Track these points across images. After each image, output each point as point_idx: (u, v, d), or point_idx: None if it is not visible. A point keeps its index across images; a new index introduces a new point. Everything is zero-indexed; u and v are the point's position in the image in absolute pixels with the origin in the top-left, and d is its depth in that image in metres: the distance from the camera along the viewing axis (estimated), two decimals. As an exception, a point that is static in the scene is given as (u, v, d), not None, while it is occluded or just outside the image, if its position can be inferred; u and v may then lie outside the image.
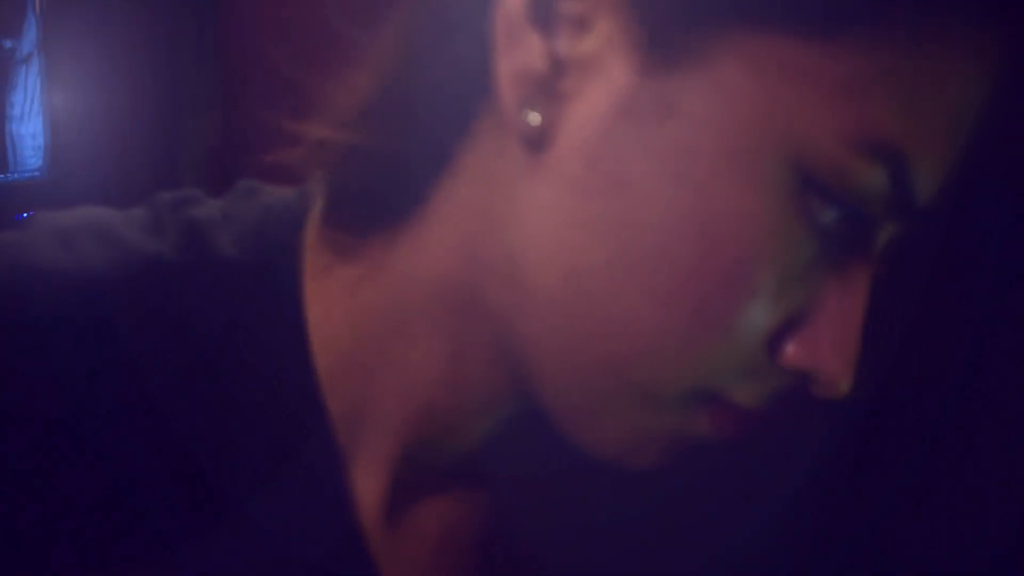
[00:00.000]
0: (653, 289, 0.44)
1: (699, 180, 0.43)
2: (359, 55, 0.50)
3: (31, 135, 1.89)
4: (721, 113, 0.42)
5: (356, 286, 0.50)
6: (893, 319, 0.50)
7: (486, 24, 0.46)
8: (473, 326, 0.49)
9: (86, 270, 0.48)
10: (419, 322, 0.50)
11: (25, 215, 0.45)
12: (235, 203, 0.53)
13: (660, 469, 0.49)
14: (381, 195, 0.50)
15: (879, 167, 0.43)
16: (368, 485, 0.51)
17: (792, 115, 0.42)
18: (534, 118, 0.45)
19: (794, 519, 0.54)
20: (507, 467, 0.53)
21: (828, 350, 0.45)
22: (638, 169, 0.43)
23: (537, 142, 0.45)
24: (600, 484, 0.52)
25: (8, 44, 1.84)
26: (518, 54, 0.45)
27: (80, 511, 0.46)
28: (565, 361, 0.47)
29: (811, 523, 0.55)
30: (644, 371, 0.45)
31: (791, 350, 0.46)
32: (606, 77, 0.44)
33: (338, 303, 0.50)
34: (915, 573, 0.55)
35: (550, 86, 0.45)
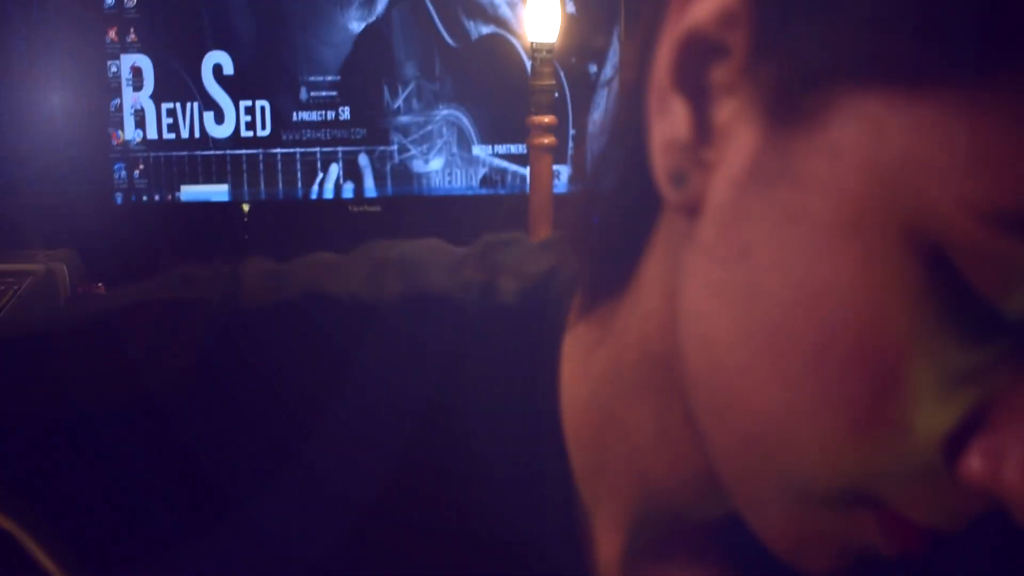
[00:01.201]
0: (777, 366, 0.41)
1: (814, 251, 0.39)
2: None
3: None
4: (837, 179, 0.39)
5: (593, 349, 0.51)
6: None
7: None
8: (670, 403, 0.49)
9: (378, 300, 0.53)
10: (632, 391, 0.50)
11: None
12: (534, 254, 0.56)
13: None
14: (607, 259, 0.51)
15: None
16: (607, 541, 0.53)
17: (915, 183, 0.37)
18: (682, 187, 0.44)
19: None
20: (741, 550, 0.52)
21: (1013, 468, 0.38)
22: (760, 237, 0.41)
23: (688, 211, 0.44)
24: None
25: (593, 69, 2.16)
26: (666, 122, 0.44)
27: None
28: (718, 442, 0.45)
29: None
30: (784, 458, 0.42)
31: (973, 463, 0.39)
32: (737, 144, 0.42)
33: (579, 363, 0.52)
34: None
35: (696, 154, 0.43)
